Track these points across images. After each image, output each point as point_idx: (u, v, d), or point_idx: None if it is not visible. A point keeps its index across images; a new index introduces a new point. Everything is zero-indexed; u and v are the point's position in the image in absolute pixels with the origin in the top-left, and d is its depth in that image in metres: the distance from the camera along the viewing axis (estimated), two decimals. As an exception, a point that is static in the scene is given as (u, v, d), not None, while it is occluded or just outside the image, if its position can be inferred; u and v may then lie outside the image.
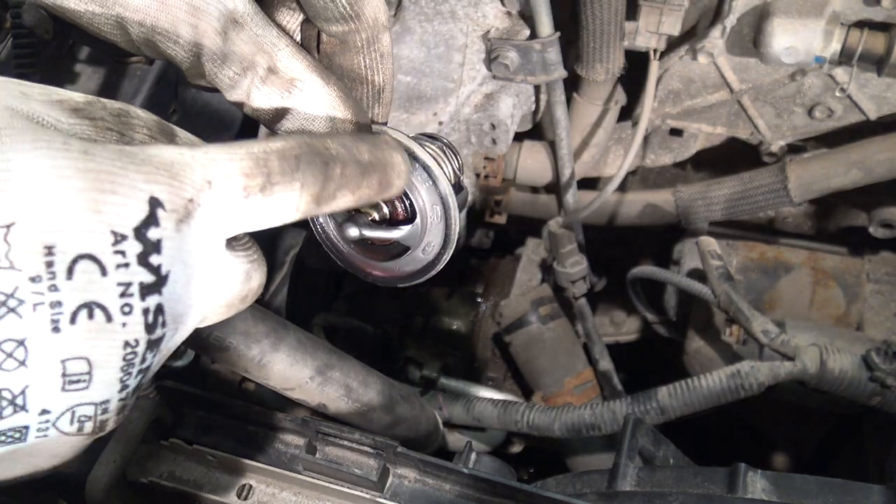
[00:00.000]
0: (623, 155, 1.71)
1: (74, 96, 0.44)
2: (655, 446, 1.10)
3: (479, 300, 1.96)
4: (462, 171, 0.63)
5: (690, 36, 1.59)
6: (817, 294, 1.73)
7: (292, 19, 0.58)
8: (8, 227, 0.37)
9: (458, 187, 0.62)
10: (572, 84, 1.67)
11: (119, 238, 0.40)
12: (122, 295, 0.40)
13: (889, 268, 1.73)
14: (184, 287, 0.44)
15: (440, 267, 0.62)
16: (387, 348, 1.87)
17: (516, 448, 1.79)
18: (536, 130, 1.85)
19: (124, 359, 0.41)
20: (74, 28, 1.11)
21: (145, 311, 0.41)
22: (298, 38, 0.59)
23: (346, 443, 0.85)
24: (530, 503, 0.80)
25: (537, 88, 1.69)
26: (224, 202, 0.44)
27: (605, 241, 1.98)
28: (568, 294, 1.84)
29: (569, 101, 1.65)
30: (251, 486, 0.86)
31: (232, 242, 0.48)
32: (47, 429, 0.41)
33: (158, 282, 0.42)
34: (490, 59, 1.52)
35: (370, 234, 0.60)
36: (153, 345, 0.43)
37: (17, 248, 0.37)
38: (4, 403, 0.39)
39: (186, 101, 1.49)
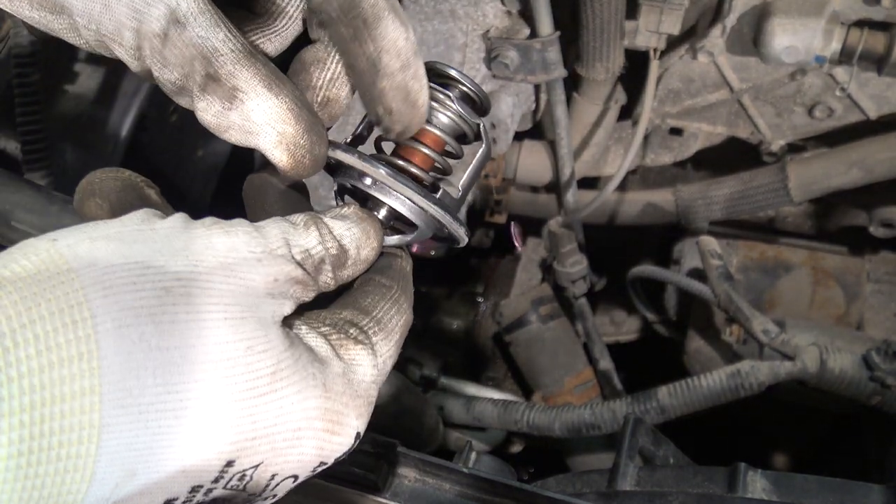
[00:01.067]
0: (623, 154, 1.71)
1: (292, 252, 0.48)
2: (655, 446, 1.10)
3: (479, 300, 1.96)
4: (480, 94, 0.62)
5: (690, 35, 1.59)
6: (817, 293, 1.73)
7: (291, 6, 0.54)
8: (256, 467, 0.45)
9: (481, 109, 0.61)
10: (572, 83, 1.67)
11: (321, 465, 0.49)
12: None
13: (889, 267, 1.73)
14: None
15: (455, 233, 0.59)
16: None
17: (516, 448, 1.79)
18: (536, 130, 1.85)
19: None
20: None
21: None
22: (300, 27, 0.55)
23: (345, 442, 0.85)
24: (530, 503, 0.79)
25: (537, 87, 1.69)
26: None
27: (606, 241, 1.98)
28: (568, 293, 1.84)
29: (569, 100, 1.65)
30: (251, 485, 0.86)
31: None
32: None
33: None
34: (490, 59, 1.52)
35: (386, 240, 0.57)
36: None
37: (254, 481, 0.45)
38: None
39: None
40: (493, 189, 1.92)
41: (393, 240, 0.57)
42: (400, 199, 0.55)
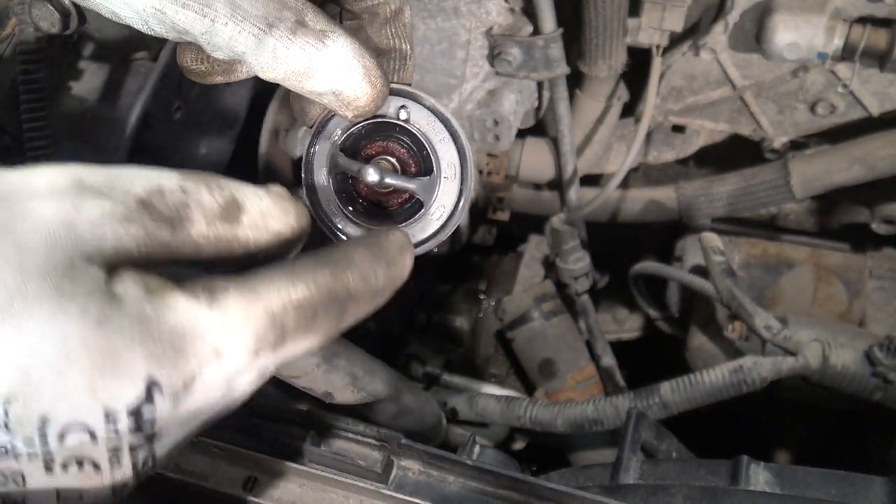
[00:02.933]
0: (625, 152, 1.72)
1: (132, 191, 0.45)
2: (658, 440, 1.10)
3: (482, 297, 1.96)
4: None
5: (693, 32, 1.60)
6: (819, 290, 1.73)
7: None
8: (8, 399, 0.40)
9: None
10: (575, 80, 1.67)
11: (111, 416, 0.42)
12: (113, 454, 0.43)
13: (891, 264, 1.73)
14: (177, 436, 0.45)
15: (453, 227, 0.62)
16: (389, 345, 1.88)
17: (519, 445, 1.79)
18: (539, 127, 1.85)
19: (114, 492, 0.44)
20: (79, 24, 1.11)
21: (135, 464, 0.43)
22: None
23: (350, 435, 0.85)
24: (534, 494, 0.80)
25: (540, 85, 1.70)
26: (231, 367, 0.45)
27: (608, 238, 1.98)
28: (570, 291, 1.84)
29: (571, 97, 1.66)
30: (256, 477, 0.86)
31: None
32: None
33: (150, 439, 0.43)
34: (493, 56, 1.53)
35: (390, 179, 0.61)
36: (142, 475, 0.45)
37: (14, 418, 0.40)
38: (10, 501, 0.43)
39: (190, 99, 1.50)
40: (495, 186, 1.93)
41: (396, 179, 0.61)
42: (443, 140, 0.61)
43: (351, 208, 0.64)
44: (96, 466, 0.42)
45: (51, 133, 1.23)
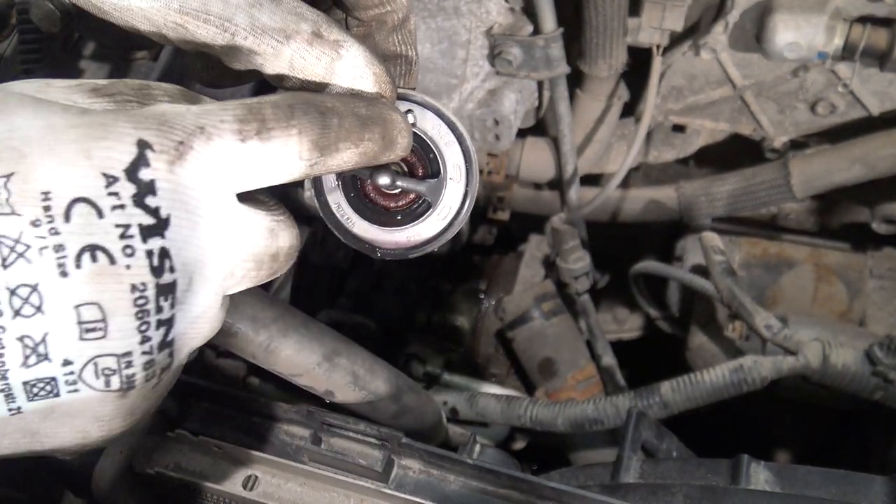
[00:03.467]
0: (626, 151, 1.72)
1: (96, 80, 0.47)
2: (658, 439, 1.10)
3: (482, 296, 1.96)
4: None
5: (693, 32, 1.60)
6: (820, 290, 1.73)
7: None
8: (7, 176, 0.40)
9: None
10: (575, 80, 1.68)
11: (111, 180, 0.41)
12: (123, 237, 0.41)
13: (892, 263, 1.73)
14: (190, 231, 0.45)
15: (457, 227, 0.63)
16: (390, 344, 1.88)
17: (519, 444, 1.79)
18: (539, 127, 1.85)
19: (135, 304, 0.42)
20: (80, 23, 1.11)
21: (149, 253, 0.42)
22: None
23: (350, 434, 0.85)
24: (534, 493, 0.80)
25: (540, 84, 1.70)
26: (220, 146, 0.46)
27: (608, 238, 1.98)
28: (571, 290, 1.84)
29: (572, 97, 1.66)
30: (257, 476, 0.86)
31: (251, 200, 0.50)
32: (75, 382, 0.42)
33: (159, 224, 0.43)
34: (493, 55, 1.53)
35: (401, 182, 0.62)
36: (164, 290, 0.43)
37: (16, 194, 0.40)
38: (28, 351, 0.40)
39: (190, 98, 1.50)
40: (495, 186, 1.93)
41: (407, 182, 0.62)
42: (449, 143, 0.62)
43: (358, 208, 0.65)
44: (111, 258, 0.41)
45: (51, 132, 1.23)
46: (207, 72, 0.61)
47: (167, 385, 0.48)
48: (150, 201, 0.42)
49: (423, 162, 0.64)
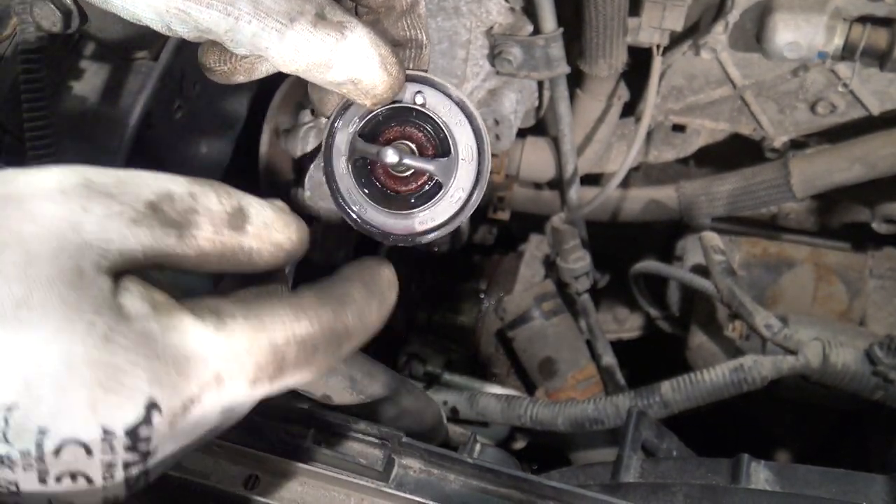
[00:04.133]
0: (626, 151, 1.72)
1: (142, 196, 0.45)
2: (659, 439, 1.10)
3: (483, 296, 1.96)
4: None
5: (693, 32, 1.60)
6: (820, 290, 1.73)
7: None
8: (9, 408, 0.41)
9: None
10: (575, 80, 1.68)
11: (109, 434, 0.42)
12: (107, 470, 0.43)
13: (892, 263, 1.73)
14: (171, 451, 0.45)
15: (470, 211, 0.64)
16: (390, 344, 1.88)
17: (519, 444, 1.80)
18: (539, 126, 1.85)
19: (104, 501, 0.44)
20: (81, 23, 1.11)
21: (128, 479, 0.44)
22: None
23: (351, 433, 0.85)
24: (535, 493, 0.80)
25: (540, 84, 1.70)
26: (229, 394, 0.46)
27: (608, 238, 1.98)
28: (571, 290, 1.84)
29: (572, 97, 1.66)
30: (257, 476, 0.86)
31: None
32: None
33: (144, 458, 0.43)
34: (493, 55, 1.53)
35: (409, 160, 0.62)
36: (135, 489, 0.45)
37: (13, 427, 0.41)
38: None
39: (191, 98, 1.50)
40: (496, 186, 1.93)
41: (415, 161, 0.62)
42: (459, 123, 0.63)
43: (369, 193, 0.64)
44: (89, 480, 0.43)
45: (52, 132, 1.23)
46: (220, 65, 0.61)
47: None
48: (142, 447, 0.43)
49: (434, 142, 0.64)
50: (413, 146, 0.64)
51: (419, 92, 0.63)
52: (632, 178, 1.96)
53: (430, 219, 0.64)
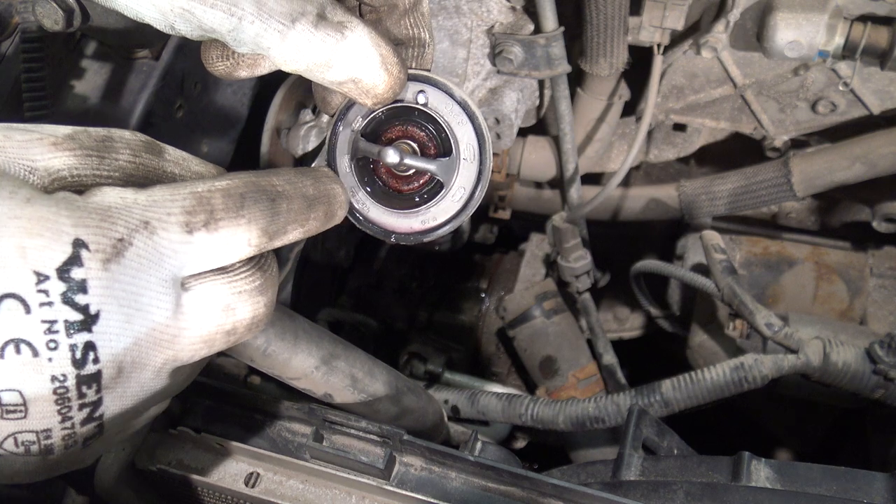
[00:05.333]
0: (626, 150, 1.72)
1: (59, 130, 0.47)
2: (659, 437, 1.10)
3: (484, 295, 1.97)
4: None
5: (694, 31, 1.60)
6: (820, 289, 1.73)
7: None
8: None
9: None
10: (576, 79, 1.68)
11: (42, 278, 0.42)
12: (48, 332, 0.43)
13: (892, 262, 1.73)
14: (122, 324, 0.45)
15: (472, 209, 0.64)
16: (391, 343, 1.88)
17: (520, 443, 1.80)
18: (540, 126, 1.85)
19: (55, 392, 0.44)
20: (82, 22, 1.11)
21: (72, 347, 0.43)
22: None
23: (352, 431, 0.85)
24: (536, 490, 0.80)
25: (541, 83, 1.70)
26: (163, 239, 0.46)
27: (609, 237, 1.98)
28: (572, 289, 1.85)
29: (573, 96, 1.66)
30: (259, 473, 0.87)
31: (209, 274, 0.50)
32: None
33: (87, 320, 0.44)
34: (494, 54, 1.53)
35: (410, 160, 0.62)
36: (87, 380, 0.45)
37: None
38: None
39: (192, 98, 1.50)
40: (496, 185, 1.93)
41: (416, 161, 0.63)
42: (461, 123, 0.63)
43: (372, 192, 0.65)
44: (33, 350, 0.42)
45: (53, 131, 1.23)
46: (222, 62, 0.61)
47: (106, 442, 0.50)
48: (80, 299, 0.43)
49: (435, 142, 0.64)
50: (415, 145, 0.64)
51: (421, 91, 0.64)
52: (632, 177, 1.96)
53: (432, 217, 0.64)
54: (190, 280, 0.49)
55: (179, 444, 0.89)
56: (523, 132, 1.84)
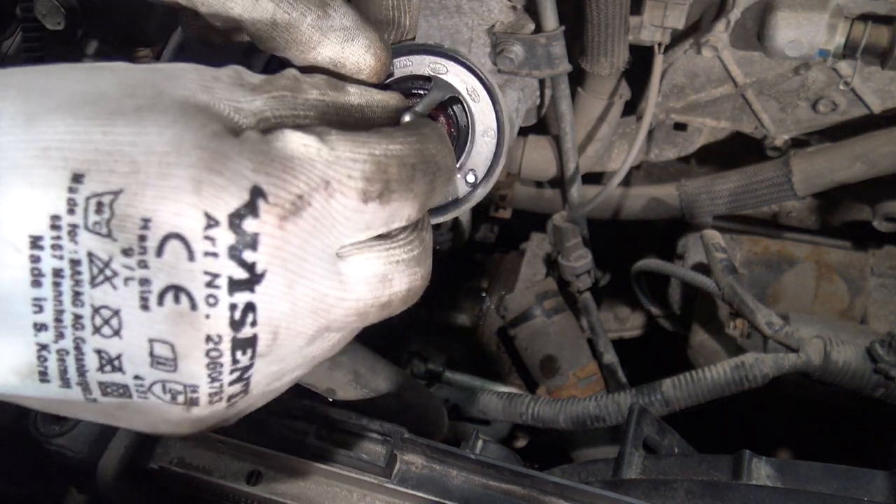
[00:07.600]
0: (627, 149, 1.72)
1: (255, 76, 0.48)
2: (660, 436, 1.10)
3: (484, 294, 1.97)
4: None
5: (694, 30, 1.60)
6: (821, 288, 1.73)
7: None
8: (115, 193, 0.39)
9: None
10: (577, 78, 1.68)
11: (211, 222, 0.40)
12: (209, 285, 0.40)
13: (893, 262, 1.73)
14: (284, 289, 0.43)
15: (485, 189, 0.61)
16: (392, 342, 1.88)
17: (521, 443, 1.80)
18: (541, 125, 1.85)
19: (208, 354, 0.42)
20: (84, 20, 1.11)
21: (232, 307, 0.41)
22: None
23: (354, 429, 0.86)
24: (537, 488, 0.80)
25: (542, 83, 1.70)
26: (340, 205, 0.44)
27: (610, 236, 1.98)
28: (572, 288, 1.85)
29: (573, 95, 1.66)
30: (260, 472, 0.87)
31: (368, 241, 0.48)
32: (145, 392, 0.43)
33: (252, 279, 0.41)
34: (495, 54, 1.53)
35: (420, 108, 0.60)
36: (242, 344, 0.42)
37: (118, 215, 0.39)
38: (104, 362, 0.41)
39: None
40: (497, 184, 1.93)
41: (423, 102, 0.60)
42: (483, 106, 0.60)
43: None
44: (192, 302, 0.40)
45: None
46: (196, 22, 0.59)
47: (250, 402, 0.48)
48: (248, 256, 0.41)
49: (451, 120, 0.61)
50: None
51: (439, 65, 0.60)
52: (633, 176, 1.96)
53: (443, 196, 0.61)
54: (348, 248, 0.47)
55: (181, 443, 0.89)
56: (524, 131, 1.84)
